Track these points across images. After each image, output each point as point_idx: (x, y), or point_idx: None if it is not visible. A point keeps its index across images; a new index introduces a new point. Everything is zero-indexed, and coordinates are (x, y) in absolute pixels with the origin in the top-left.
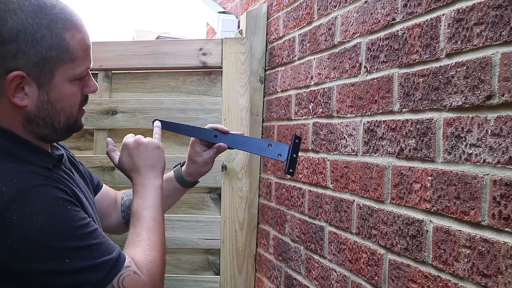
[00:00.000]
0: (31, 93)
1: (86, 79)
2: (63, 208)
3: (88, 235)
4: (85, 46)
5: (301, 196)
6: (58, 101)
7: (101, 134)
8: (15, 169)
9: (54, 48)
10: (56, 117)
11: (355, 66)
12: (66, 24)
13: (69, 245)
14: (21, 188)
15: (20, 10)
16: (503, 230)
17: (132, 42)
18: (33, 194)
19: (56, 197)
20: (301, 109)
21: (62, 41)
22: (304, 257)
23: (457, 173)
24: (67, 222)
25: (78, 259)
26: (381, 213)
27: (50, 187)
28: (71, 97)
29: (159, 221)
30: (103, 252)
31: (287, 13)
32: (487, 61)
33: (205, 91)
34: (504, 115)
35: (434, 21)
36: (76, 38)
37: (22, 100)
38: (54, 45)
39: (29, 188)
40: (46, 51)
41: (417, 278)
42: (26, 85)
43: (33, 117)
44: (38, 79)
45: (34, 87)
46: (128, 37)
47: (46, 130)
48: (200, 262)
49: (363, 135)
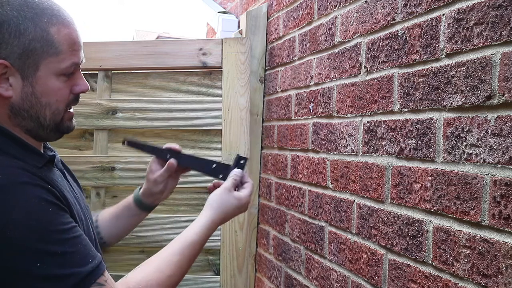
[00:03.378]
0: (15, 84)
1: (76, 77)
2: (44, 209)
3: (64, 241)
4: (72, 42)
5: (301, 196)
6: (43, 94)
7: (101, 134)
8: (2, 162)
9: (37, 40)
10: (41, 111)
11: (355, 66)
12: (52, 19)
13: (42, 248)
14: (3, 183)
15: (7, 4)
16: (503, 230)
17: (132, 42)
18: (16, 190)
19: (39, 197)
20: (301, 109)
21: (46, 34)
22: (304, 257)
23: (457, 173)
24: (45, 224)
25: (47, 265)
26: (381, 213)
27: (35, 186)
28: (57, 92)
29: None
30: (75, 263)
31: (287, 13)
32: (487, 61)
33: (205, 91)
34: (504, 115)
35: (434, 21)
36: (62, 32)
37: (7, 91)
38: (38, 37)
39: (12, 184)
40: (29, 43)
41: (417, 278)
42: (11, 76)
43: (18, 109)
44: (23, 70)
45: (19, 78)
46: (128, 37)
47: (32, 123)
48: (200, 262)
49: (363, 135)
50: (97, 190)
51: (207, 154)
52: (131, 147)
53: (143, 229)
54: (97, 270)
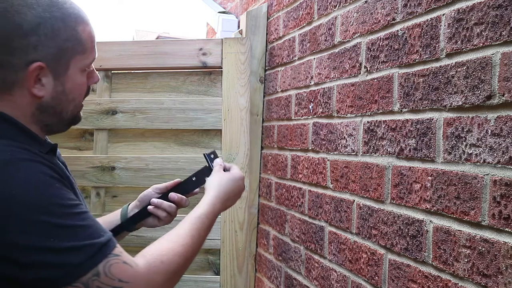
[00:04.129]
0: (47, 83)
1: (91, 70)
2: (50, 183)
3: (74, 215)
4: (92, 38)
5: (301, 196)
6: (71, 91)
7: (101, 134)
8: (4, 143)
9: (69, 39)
10: (66, 107)
11: (355, 66)
12: (77, 19)
13: (51, 221)
14: (6, 159)
15: (37, 5)
16: (503, 230)
17: (132, 42)
18: (19, 165)
19: (44, 172)
20: (301, 109)
21: (75, 33)
22: (304, 257)
23: (457, 173)
24: (52, 198)
25: (59, 238)
26: (381, 213)
27: (39, 163)
28: (81, 87)
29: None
30: (89, 235)
31: (287, 13)
32: (487, 61)
33: (205, 91)
34: (504, 115)
35: (434, 21)
36: (86, 31)
37: (40, 91)
38: (69, 37)
39: (15, 160)
40: (63, 43)
41: (417, 278)
42: (44, 76)
43: (46, 107)
44: (55, 70)
45: (51, 78)
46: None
47: (54, 119)
48: (200, 262)
49: (363, 135)
50: (97, 190)
51: None
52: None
53: (143, 229)
54: (112, 242)
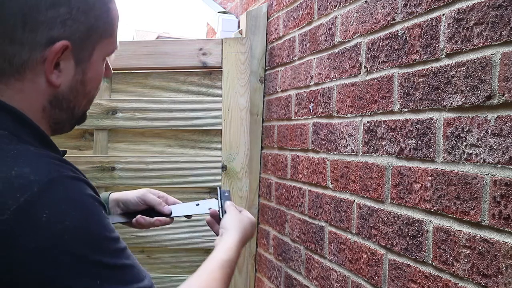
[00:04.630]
0: (67, 70)
1: (107, 60)
2: (98, 211)
3: (121, 252)
4: (119, 21)
5: (301, 196)
6: (91, 81)
7: (101, 134)
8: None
9: (101, 18)
10: (80, 101)
11: (355, 66)
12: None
13: (102, 260)
14: (55, 177)
15: None
16: (503, 230)
17: (131, 42)
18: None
19: (91, 195)
20: (301, 109)
21: (109, 11)
22: (304, 257)
23: (457, 173)
24: (102, 231)
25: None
26: (381, 213)
27: (82, 181)
28: (99, 78)
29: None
30: (135, 277)
31: (287, 13)
32: (487, 61)
33: (205, 91)
34: (504, 115)
35: (434, 21)
36: (114, 10)
37: (58, 78)
38: (102, 15)
39: (63, 178)
40: (95, 20)
41: (417, 278)
42: (63, 60)
43: (61, 99)
44: (78, 54)
45: (72, 63)
46: (128, 37)
47: (65, 115)
48: (200, 262)
49: (363, 135)
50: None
51: (207, 154)
52: None
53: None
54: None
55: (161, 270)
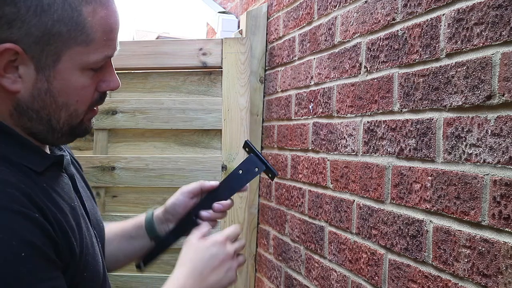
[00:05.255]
0: (26, 76)
1: (105, 71)
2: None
3: None
4: (108, 28)
5: (301, 196)
6: (61, 93)
7: (101, 134)
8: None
9: (64, 21)
10: (55, 113)
11: (355, 66)
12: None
13: None
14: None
15: None
16: (503, 230)
17: (132, 42)
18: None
19: (27, 241)
20: (301, 109)
21: (78, 15)
22: (304, 257)
23: (457, 173)
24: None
25: None
26: (381, 213)
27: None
28: (80, 91)
29: None
30: None
31: (287, 13)
32: (487, 61)
33: (205, 91)
34: (504, 115)
35: (434, 21)
36: (98, 15)
37: (14, 84)
38: (66, 18)
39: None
40: (53, 24)
41: (417, 278)
42: (22, 65)
43: (25, 108)
44: (39, 60)
45: (32, 69)
46: (128, 37)
47: (40, 127)
48: None
49: (363, 135)
50: (97, 190)
51: (207, 154)
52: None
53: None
54: None
55: (161, 270)
